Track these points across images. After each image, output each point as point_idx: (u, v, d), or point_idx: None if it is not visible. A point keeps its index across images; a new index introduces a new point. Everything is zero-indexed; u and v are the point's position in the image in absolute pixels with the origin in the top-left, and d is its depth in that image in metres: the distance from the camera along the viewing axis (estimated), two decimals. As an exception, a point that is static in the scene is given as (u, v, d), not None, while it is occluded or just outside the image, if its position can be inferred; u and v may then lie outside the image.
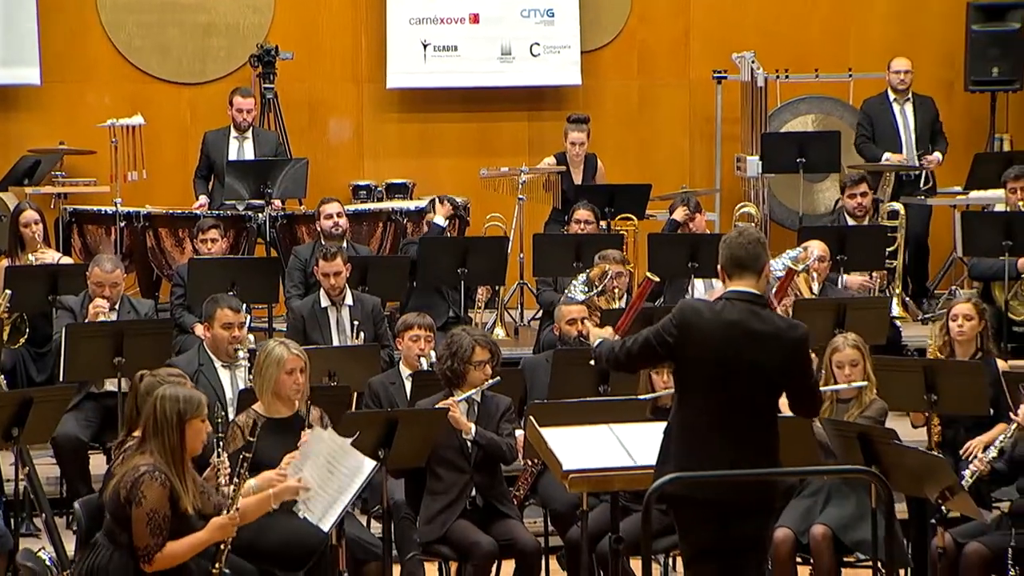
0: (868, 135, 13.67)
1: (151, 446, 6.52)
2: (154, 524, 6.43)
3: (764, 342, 6.40)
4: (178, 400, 6.56)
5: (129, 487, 6.44)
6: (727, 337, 6.41)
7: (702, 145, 14.71)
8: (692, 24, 14.75)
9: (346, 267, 10.61)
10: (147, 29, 14.15)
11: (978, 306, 9.28)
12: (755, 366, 6.38)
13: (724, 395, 6.42)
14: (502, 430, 8.17)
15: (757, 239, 6.62)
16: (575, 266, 11.04)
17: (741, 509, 6.40)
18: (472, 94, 14.53)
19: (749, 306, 6.45)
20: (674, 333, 6.51)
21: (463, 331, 8.27)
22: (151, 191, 13.21)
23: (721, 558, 6.49)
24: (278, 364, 7.75)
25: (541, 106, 14.61)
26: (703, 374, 6.47)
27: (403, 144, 14.53)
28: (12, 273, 10.59)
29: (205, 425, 6.64)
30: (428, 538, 8.09)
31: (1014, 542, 7.33)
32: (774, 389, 6.49)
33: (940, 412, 8.76)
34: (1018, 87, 14.37)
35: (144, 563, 6.45)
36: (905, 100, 13.68)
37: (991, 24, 14.31)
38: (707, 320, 6.48)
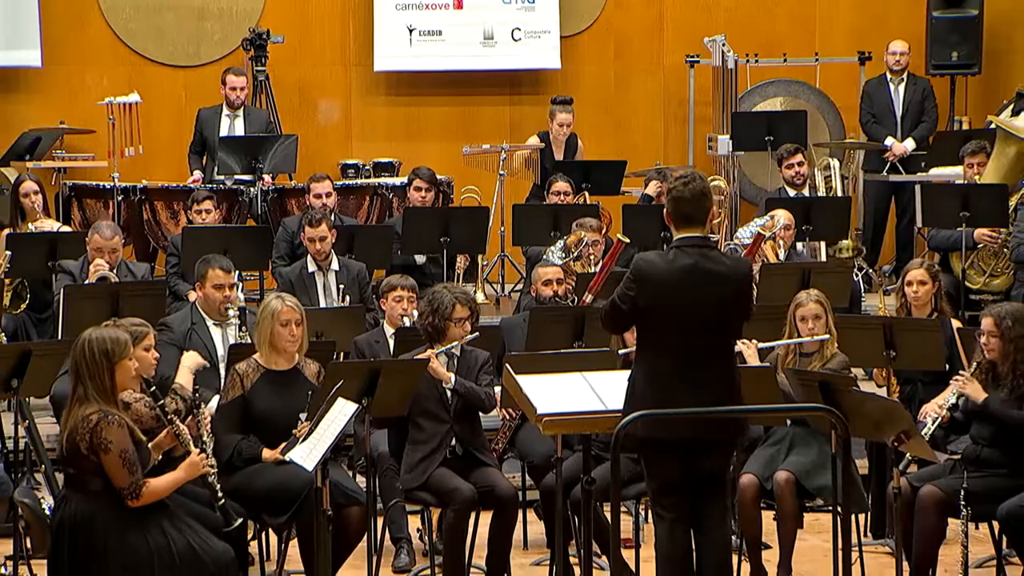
0: (872, 114, 13.78)
1: (88, 392, 6.49)
2: (128, 462, 6.45)
3: (719, 280, 6.57)
4: (104, 341, 6.55)
5: (89, 438, 6.42)
6: (683, 282, 6.54)
7: (675, 126, 14.76)
8: (665, 10, 14.80)
9: (331, 233, 10.63)
10: (144, 13, 14.19)
11: (930, 270, 9.31)
12: (712, 305, 6.52)
13: (684, 337, 6.53)
14: (480, 381, 8.18)
15: (702, 191, 6.70)
16: (552, 235, 11.07)
17: (704, 445, 6.48)
18: (456, 77, 14.56)
19: (699, 250, 6.60)
20: (633, 287, 6.61)
21: (444, 288, 8.27)
22: (147, 167, 13.21)
23: (685, 493, 6.56)
24: (273, 316, 7.76)
25: (521, 89, 14.66)
26: (664, 320, 6.58)
27: (389, 125, 14.57)
28: (13, 240, 10.59)
29: (133, 363, 6.62)
30: (410, 485, 8.10)
31: (966, 484, 7.37)
32: (729, 324, 6.64)
33: (898, 368, 8.83)
34: (976, 71, 14.44)
35: (132, 499, 6.47)
36: (900, 81, 13.79)
37: (951, 11, 14.39)
38: (662, 269, 6.59)
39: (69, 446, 6.48)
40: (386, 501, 8.54)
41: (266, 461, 7.62)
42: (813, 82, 14.53)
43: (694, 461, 6.57)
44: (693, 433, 6.49)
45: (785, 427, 8.11)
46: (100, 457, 6.42)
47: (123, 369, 6.58)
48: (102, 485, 6.49)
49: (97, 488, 6.49)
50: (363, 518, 7.74)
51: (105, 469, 6.43)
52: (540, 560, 8.62)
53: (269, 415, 7.68)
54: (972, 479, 7.40)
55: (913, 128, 13.84)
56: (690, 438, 6.49)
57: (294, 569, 8.14)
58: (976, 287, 11.83)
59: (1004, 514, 7.27)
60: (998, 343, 7.51)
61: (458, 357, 8.20)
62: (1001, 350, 7.51)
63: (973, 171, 12.18)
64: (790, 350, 8.23)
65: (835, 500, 7.54)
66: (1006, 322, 7.50)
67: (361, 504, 7.71)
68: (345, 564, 7.80)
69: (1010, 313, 7.55)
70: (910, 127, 13.83)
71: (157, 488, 6.56)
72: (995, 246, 11.80)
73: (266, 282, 11.90)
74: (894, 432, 7.12)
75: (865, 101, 14.00)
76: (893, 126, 13.81)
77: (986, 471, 7.48)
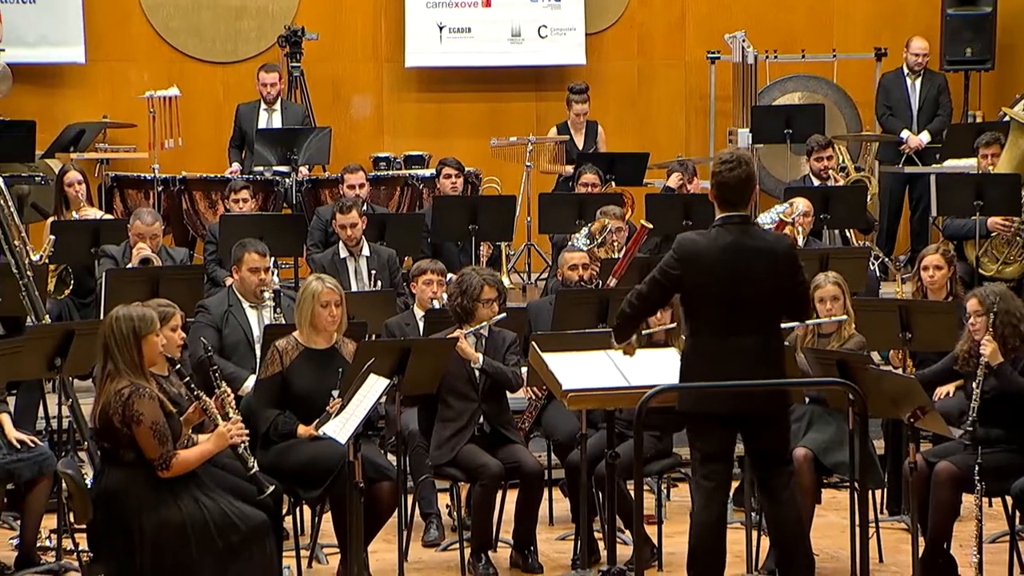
0: (888, 107, 13.72)
1: (119, 366, 6.47)
2: (159, 433, 6.42)
3: (760, 256, 6.54)
4: (132, 319, 6.53)
5: (122, 411, 6.40)
6: (726, 259, 6.51)
7: (697, 120, 14.70)
8: (688, 8, 14.75)
9: (361, 220, 10.61)
10: (183, 11, 14.18)
11: (946, 255, 9.26)
12: (755, 280, 6.50)
13: (729, 312, 6.51)
14: (507, 361, 8.15)
15: (748, 177, 6.63)
16: (577, 223, 11.02)
17: (750, 417, 6.48)
18: (484, 73, 14.52)
19: (739, 227, 6.57)
20: (677, 266, 6.56)
21: (473, 271, 8.25)
22: (186, 159, 13.19)
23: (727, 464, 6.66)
24: (314, 297, 7.74)
25: (548, 85, 14.59)
26: (709, 296, 6.56)
27: (420, 120, 14.52)
28: (57, 227, 10.58)
29: (160, 339, 6.61)
30: (439, 461, 8.07)
31: (981, 460, 7.28)
32: (773, 299, 6.60)
33: (914, 349, 8.75)
34: (989, 67, 14.35)
35: (162, 470, 6.44)
36: (916, 76, 13.75)
37: (965, 8, 14.31)
38: (705, 247, 6.56)
39: (103, 420, 6.46)
40: (416, 477, 8.52)
41: (301, 437, 7.59)
42: (831, 77, 14.47)
43: (746, 435, 6.59)
44: (736, 406, 6.49)
45: (803, 405, 8.04)
46: (132, 429, 6.40)
47: (150, 344, 6.56)
48: (135, 457, 6.47)
49: (131, 460, 6.47)
50: (394, 493, 7.70)
51: (137, 441, 6.40)
52: (565, 535, 8.57)
53: (307, 392, 7.65)
54: (986, 455, 7.30)
55: (928, 122, 13.78)
56: (733, 411, 6.49)
57: (327, 543, 8.13)
58: (989, 274, 11.73)
59: (1018, 490, 7.18)
60: (984, 321, 7.41)
61: (486, 337, 8.18)
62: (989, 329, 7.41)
63: (987, 161, 12.12)
64: (809, 330, 8.15)
65: (852, 476, 7.46)
66: (990, 299, 7.43)
67: (392, 479, 7.67)
68: (376, 538, 7.78)
69: (994, 292, 7.50)
70: (925, 121, 13.78)
71: (187, 459, 6.54)
72: (1008, 234, 11.74)
73: (300, 269, 11.86)
74: (910, 409, 7.05)
75: (881, 94, 13.94)
76: (909, 119, 13.77)
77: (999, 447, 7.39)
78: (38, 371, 8.19)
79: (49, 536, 8.24)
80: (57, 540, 8.14)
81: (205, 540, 6.43)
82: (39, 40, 13.77)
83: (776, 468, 6.71)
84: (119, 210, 12.27)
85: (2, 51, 13.49)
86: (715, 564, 6.61)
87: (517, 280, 12.92)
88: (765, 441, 6.67)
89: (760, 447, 6.68)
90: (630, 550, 7.90)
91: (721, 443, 6.62)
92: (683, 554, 7.90)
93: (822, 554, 8.05)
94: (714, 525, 6.61)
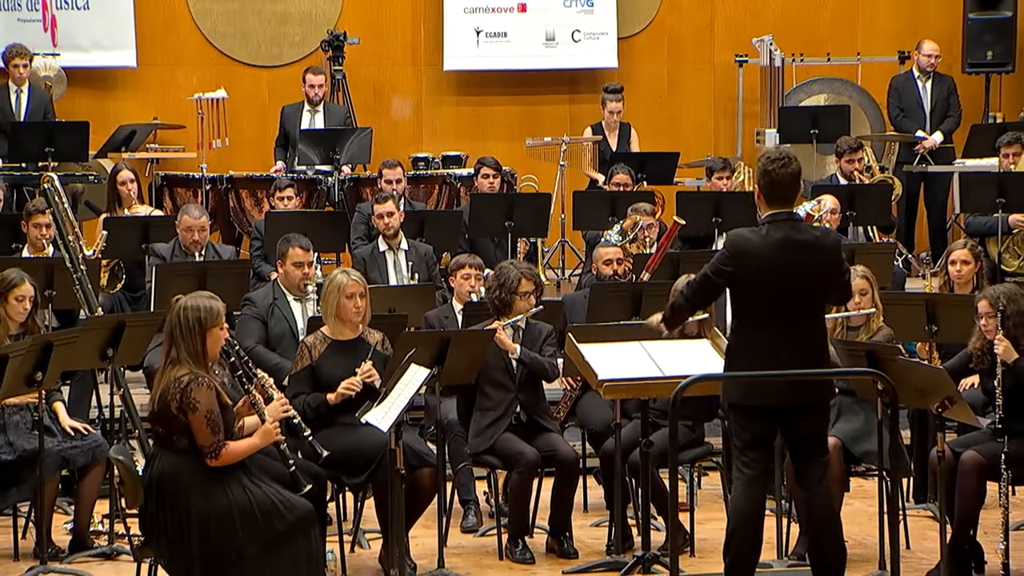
0: (901, 109, 13.60)
1: (181, 355, 6.38)
2: (212, 423, 6.33)
3: (809, 251, 6.46)
4: (199, 309, 6.43)
5: (179, 398, 6.31)
6: (777, 255, 6.42)
7: (725, 122, 14.60)
8: (716, 12, 14.65)
9: (399, 211, 10.54)
10: (230, 17, 14.17)
11: (974, 250, 9.17)
12: (804, 274, 6.42)
13: (778, 306, 6.41)
14: (544, 352, 8.06)
15: (796, 174, 6.55)
16: (610, 220, 10.91)
17: (795, 409, 6.39)
18: (519, 76, 14.45)
19: (788, 223, 6.49)
20: (730, 262, 6.49)
21: (510, 264, 8.16)
22: (233, 159, 13.16)
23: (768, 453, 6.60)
24: (339, 290, 7.65)
25: (581, 88, 14.53)
26: (759, 291, 6.46)
27: (457, 121, 14.47)
28: (110, 223, 10.57)
29: (224, 332, 6.52)
30: (477, 449, 7.99)
31: (1007, 448, 7.15)
32: (821, 292, 6.54)
33: (940, 342, 8.64)
34: (1010, 69, 14.22)
35: (211, 459, 6.35)
36: (927, 78, 13.61)
37: (986, 12, 14.17)
38: (757, 244, 6.48)
39: (160, 405, 6.38)
40: (455, 465, 8.43)
41: (332, 403, 7.50)
42: (855, 79, 14.35)
43: (786, 424, 6.49)
44: (782, 397, 6.40)
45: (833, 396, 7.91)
46: (188, 416, 6.31)
47: (213, 337, 6.47)
48: (188, 444, 6.38)
49: (184, 446, 6.38)
50: (434, 479, 7.61)
51: (191, 427, 6.33)
52: (599, 522, 8.48)
53: (337, 381, 7.55)
54: (1012, 444, 7.17)
55: (940, 122, 13.65)
56: (779, 403, 6.40)
57: (370, 528, 8.06)
58: (1011, 270, 11.62)
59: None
60: (995, 322, 7.28)
61: (523, 329, 8.10)
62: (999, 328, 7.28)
63: (1009, 160, 12.00)
64: (838, 323, 8.03)
65: (880, 464, 7.34)
66: (1001, 301, 7.28)
67: (432, 466, 7.58)
68: (417, 524, 7.69)
69: (1004, 293, 7.34)
70: (938, 121, 13.64)
71: (236, 450, 6.44)
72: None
73: (342, 264, 11.78)
74: (938, 399, 6.92)
75: (893, 97, 13.81)
76: (922, 120, 13.63)
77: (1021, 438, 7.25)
78: (91, 361, 8.16)
79: (101, 521, 8.20)
80: (109, 524, 8.09)
81: (251, 526, 6.34)
82: (92, 45, 13.80)
83: (814, 458, 6.60)
84: (168, 207, 12.23)
85: (57, 55, 13.52)
86: (752, 550, 6.50)
87: (552, 276, 12.84)
88: (806, 431, 6.56)
89: (800, 437, 6.57)
90: (663, 536, 7.81)
91: (763, 433, 6.52)
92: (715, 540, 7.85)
93: (850, 540, 7.91)
94: (752, 512, 6.50)
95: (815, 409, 6.55)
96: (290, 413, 6.71)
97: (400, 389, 6.90)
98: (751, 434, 6.49)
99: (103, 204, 11.52)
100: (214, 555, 6.35)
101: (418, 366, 7.03)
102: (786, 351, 6.41)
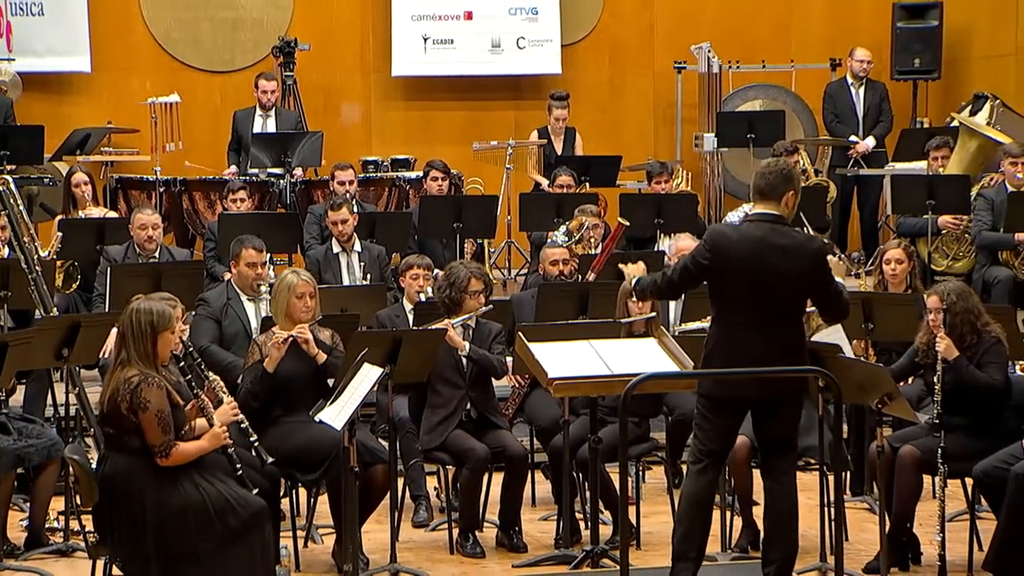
0: (835, 114, 13.54)
1: (132, 356, 6.19)
2: (163, 422, 6.15)
3: (786, 253, 6.30)
4: (151, 313, 6.25)
5: (130, 398, 6.12)
6: (753, 251, 6.29)
7: (664, 126, 14.51)
8: (656, 21, 14.55)
9: (353, 216, 10.37)
10: (183, 24, 13.92)
11: (907, 250, 9.07)
12: (780, 273, 6.27)
13: (752, 304, 6.30)
14: (493, 350, 7.93)
15: (780, 171, 6.43)
16: (556, 221, 10.78)
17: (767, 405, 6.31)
18: (466, 82, 14.27)
19: (770, 225, 6.35)
20: (708, 256, 6.38)
21: (460, 264, 8.02)
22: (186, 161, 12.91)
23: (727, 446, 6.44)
24: (290, 289, 7.52)
25: (525, 93, 14.37)
26: (736, 285, 6.33)
27: (406, 125, 14.29)
28: (65, 225, 10.34)
29: (174, 337, 6.34)
30: (429, 446, 7.84)
31: (944, 444, 7.07)
32: (797, 294, 6.38)
33: (876, 339, 8.54)
34: (936, 76, 14.19)
35: (162, 458, 6.16)
36: (860, 85, 13.56)
37: (914, 21, 14.16)
38: (735, 240, 6.36)
39: (110, 406, 6.19)
40: (406, 461, 8.27)
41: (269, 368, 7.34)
42: (789, 86, 14.28)
43: (757, 418, 6.38)
44: (754, 392, 6.27)
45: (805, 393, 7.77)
46: (139, 416, 6.12)
47: (164, 340, 6.29)
48: (139, 444, 6.19)
49: (135, 446, 6.19)
50: (386, 476, 7.45)
51: (142, 427, 6.14)
52: (547, 516, 8.34)
53: (288, 376, 7.41)
54: (948, 439, 7.09)
55: (873, 127, 13.60)
56: (749, 397, 6.29)
57: (323, 523, 7.89)
58: (940, 269, 11.57)
59: (978, 473, 6.96)
60: (942, 318, 7.20)
61: (473, 328, 7.96)
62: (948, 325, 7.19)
63: (937, 163, 11.95)
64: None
65: (821, 459, 7.24)
66: (950, 297, 7.20)
67: (385, 462, 7.42)
68: (369, 519, 7.51)
69: (952, 290, 7.26)
70: (870, 126, 13.60)
71: (185, 451, 6.25)
72: (957, 232, 11.58)
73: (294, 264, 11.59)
74: (878, 395, 6.82)
75: (828, 103, 13.75)
76: (855, 125, 13.58)
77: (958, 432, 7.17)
78: (47, 360, 7.95)
79: (57, 518, 7.98)
80: (64, 521, 7.88)
81: (206, 524, 6.16)
82: (47, 50, 13.52)
83: (783, 453, 6.49)
84: (123, 209, 11.99)
85: (13, 60, 13.24)
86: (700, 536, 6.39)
87: (498, 275, 12.68)
88: (777, 427, 6.45)
89: (771, 433, 6.46)
90: (610, 530, 7.69)
91: (728, 424, 6.41)
92: (660, 534, 7.75)
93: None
94: (703, 498, 6.40)
95: (785, 405, 6.42)
96: (239, 417, 6.53)
97: (353, 388, 6.73)
98: (715, 424, 6.36)
99: (58, 206, 11.30)
100: (169, 553, 6.18)
101: (371, 365, 6.86)
102: (759, 348, 6.27)
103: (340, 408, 6.67)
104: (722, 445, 6.44)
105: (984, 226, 11.17)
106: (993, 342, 7.14)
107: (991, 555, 6.73)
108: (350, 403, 6.61)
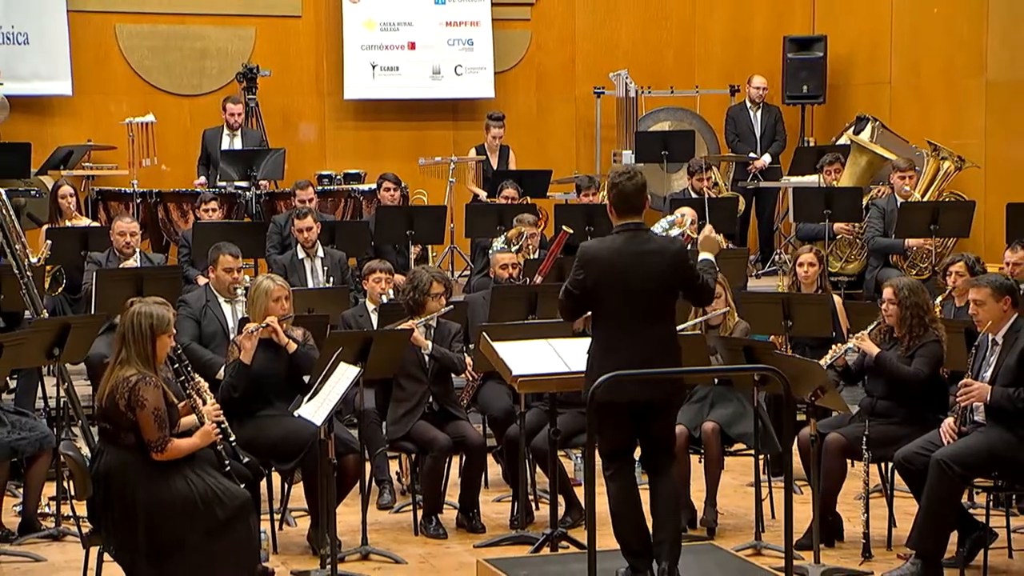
0: (736, 134, 13.20)
1: (131, 356, 5.66)
2: (159, 419, 5.62)
3: (652, 257, 5.75)
4: (151, 316, 5.72)
5: (128, 396, 5.59)
6: (621, 259, 5.73)
7: (586, 144, 14.09)
8: (577, 51, 14.13)
9: (316, 224, 9.82)
10: (156, 52, 13.26)
11: (818, 254, 8.79)
12: (648, 277, 5.72)
13: (626, 308, 5.72)
14: (453, 348, 7.46)
15: (641, 186, 5.87)
16: (498, 229, 10.32)
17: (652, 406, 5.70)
18: (410, 105, 13.76)
19: (635, 233, 5.79)
20: (582, 272, 5.80)
21: (423, 268, 7.53)
22: (160, 176, 12.29)
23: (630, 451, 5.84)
24: (266, 294, 7.01)
25: (462, 115, 13.89)
26: (610, 293, 5.76)
27: (357, 143, 13.74)
28: (52, 233, 9.73)
29: (171, 340, 5.81)
30: (394, 436, 7.34)
31: (868, 431, 6.67)
32: (667, 293, 5.82)
33: (793, 335, 8.19)
34: (821, 101, 13.90)
35: (157, 453, 5.63)
36: (758, 108, 13.22)
37: (801, 52, 13.86)
38: (603, 252, 5.80)
39: (108, 403, 5.63)
40: (371, 449, 7.73)
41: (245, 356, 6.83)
42: (694, 108, 13.92)
43: (640, 418, 5.76)
44: (638, 393, 5.67)
45: (706, 386, 7.36)
46: (136, 413, 5.57)
47: (162, 342, 5.76)
48: (134, 440, 5.65)
49: (130, 442, 5.64)
50: (358, 464, 6.95)
51: (138, 423, 5.57)
52: (500, 497, 7.87)
53: (264, 372, 6.92)
54: (872, 427, 6.69)
55: (769, 145, 13.29)
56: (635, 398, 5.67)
57: (296, 507, 7.35)
58: (835, 271, 11.28)
59: (899, 458, 6.53)
60: (896, 310, 6.82)
61: (434, 328, 7.46)
62: (898, 316, 6.82)
63: (831, 177, 11.68)
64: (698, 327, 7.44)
65: (756, 445, 6.82)
66: (903, 292, 6.82)
67: (356, 452, 6.91)
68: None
69: (906, 285, 6.87)
70: (766, 145, 13.28)
71: (179, 447, 5.72)
72: (850, 237, 11.29)
73: (260, 268, 11.03)
74: (810, 388, 6.41)
75: (729, 124, 13.42)
76: (754, 144, 13.26)
77: (881, 420, 6.78)
78: (39, 359, 7.40)
79: (48, 504, 7.38)
80: (56, 507, 7.28)
81: (194, 515, 5.63)
82: (32, 75, 12.80)
83: (665, 453, 5.90)
84: (103, 219, 11.34)
85: (1, 85, 12.54)
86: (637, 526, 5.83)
87: (441, 278, 12.16)
88: (659, 428, 5.84)
89: (654, 434, 5.84)
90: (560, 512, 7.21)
91: (624, 427, 5.77)
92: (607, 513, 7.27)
93: (724, 512, 7.44)
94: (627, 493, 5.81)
95: (669, 406, 5.84)
96: (220, 417, 5.99)
97: (331, 386, 6.19)
98: (611, 424, 5.71)
99: (44, 216, 10.68)
100: (159, 544, 5.66)
101: (347, 364, 6.33)
102: (637, 348, 5.68)
103: (319, 405, 6.13)
104: (625, 441, 5.81)
105: (877, 232, 10.88)
106: (932, 340, 6.75)
107: (914, 534, 6.32)
108: (328, 400, 6.08)
